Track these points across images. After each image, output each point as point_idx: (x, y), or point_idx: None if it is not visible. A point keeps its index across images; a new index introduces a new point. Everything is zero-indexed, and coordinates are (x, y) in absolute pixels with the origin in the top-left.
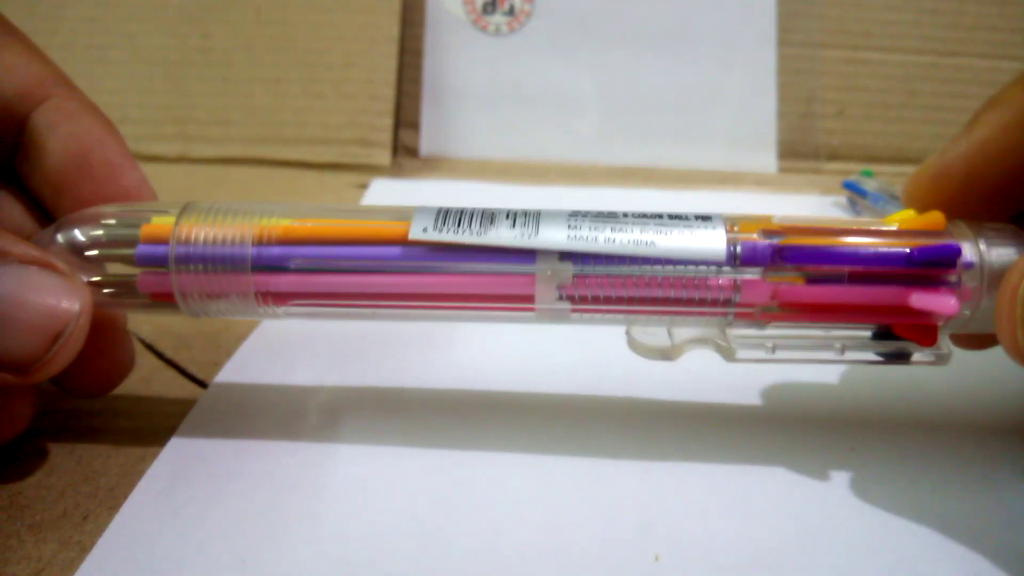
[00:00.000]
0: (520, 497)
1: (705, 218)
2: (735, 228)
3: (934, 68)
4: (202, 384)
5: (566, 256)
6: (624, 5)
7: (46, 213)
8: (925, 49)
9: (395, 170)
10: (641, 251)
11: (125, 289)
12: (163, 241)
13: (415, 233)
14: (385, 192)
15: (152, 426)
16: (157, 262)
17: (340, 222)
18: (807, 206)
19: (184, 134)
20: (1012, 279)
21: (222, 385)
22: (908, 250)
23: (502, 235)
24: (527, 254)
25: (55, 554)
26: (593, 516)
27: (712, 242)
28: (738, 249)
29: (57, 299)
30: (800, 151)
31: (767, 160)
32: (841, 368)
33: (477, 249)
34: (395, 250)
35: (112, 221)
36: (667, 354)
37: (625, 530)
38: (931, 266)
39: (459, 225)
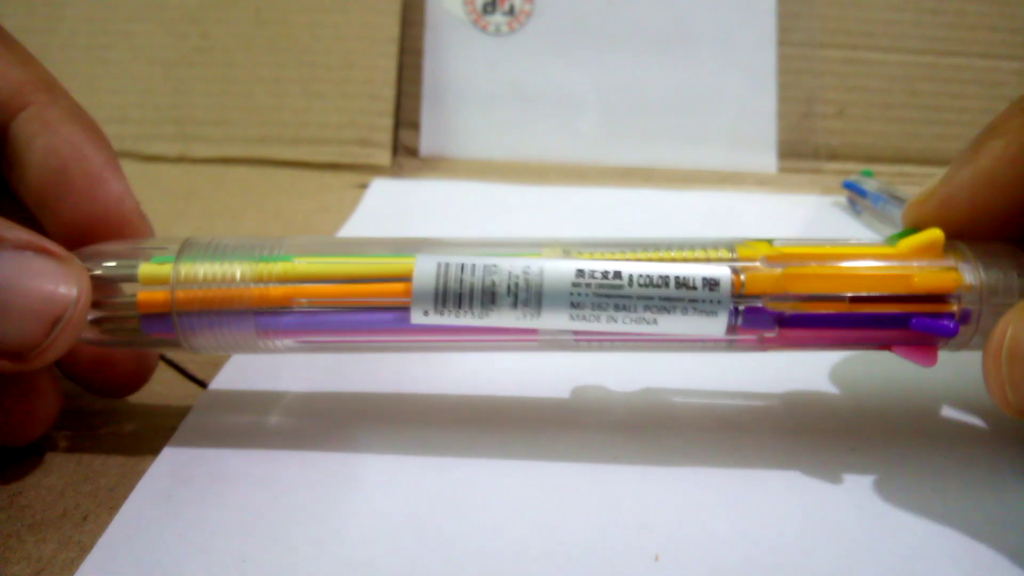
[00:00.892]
0: (520, 497)
1: (713, 284)
2: (742, 280)
3: (934, 68)
4: (202, 384)
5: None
6: (624, 5)
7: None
8: (925, 49)
9: (395, 170)
10: (643, 329)
11: (128, 334)
12: (164, 308)
13: (416, 317)
14: (385, 192)
15: (152, 426)
16: (162, 329)
17: (340, 287)
18: (807, 206)
19: (184, 134)
20: (994, 341)
21: (222, 385)
22: (908, 319)
23: (504, 316)
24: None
25: (55, 554)
26: (593, 516)
27: (714, 325)
28: (741, 308)
29: (54, 284)
30: (800, 151)
31: (767, 160)
32: (841, 368)
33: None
34: (397, 318)
35: (99, 273)
36: None
37: (625, 530)
38: (926, 333)
39: (460, 306)
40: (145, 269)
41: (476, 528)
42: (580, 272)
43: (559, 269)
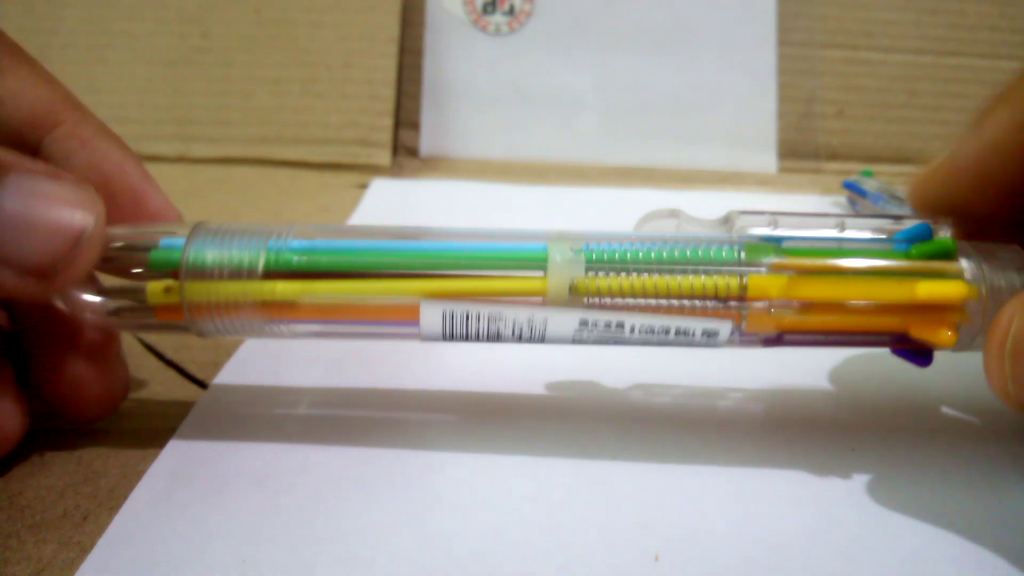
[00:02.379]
0: (520, 496)
1: (712, 334)
2: (744, 316)
3: (934, 68)
4: (202, 385)
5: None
6: (624, 5)
7: None
8: (925, 49)
9: (395, 170)
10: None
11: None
12: (177, 314)
13: (425, 340)
14: (385, 192)
15: (152, 427)
16: (175, 325)
17: (347, 308)
18: (807, 206)
19: (184, 134)
20: (997, 333)
21: (222, 386)
22: (888, 349)
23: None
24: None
25: (55, 554)
26: (593, 515)
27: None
28: (740, 329)
29: (71, 204)
30: (800, 151)
31: (767, 160)
32: (841, 368)
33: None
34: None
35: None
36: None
37: (625, 529)
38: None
39: (467, 340)
40: (153, 287)
41: (476, 527)
42: (583, 323)
43: (563, 321)
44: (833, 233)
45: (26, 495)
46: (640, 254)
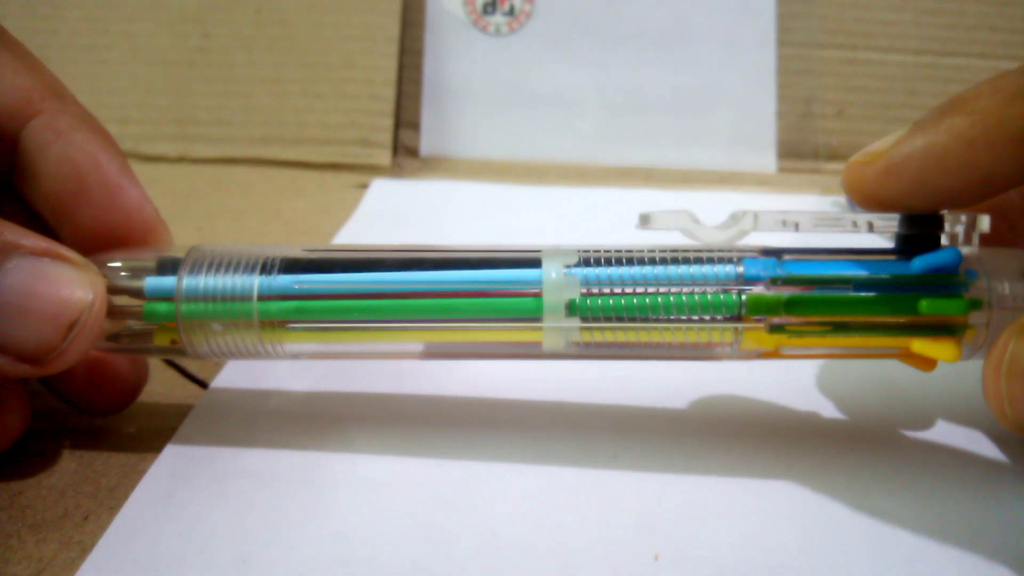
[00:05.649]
0: (520, 497)
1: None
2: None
3: (934, 68)
4: (203, 385)
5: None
6: (624, 5)
7: (48, 232)
8: (925, 49)
9: (395, 170)
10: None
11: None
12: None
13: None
14: (385, 192)
15: (153, 426)
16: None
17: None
18: (806, 206)
19: (185, 134)
20: (995, 355)
21: (223, 386)
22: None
23: None
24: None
25: (56, 554)
26: (593, 516)
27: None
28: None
29: (70, 289)
30: (799, 151)
31: (767, 160)
32: (840, 370)
33: None
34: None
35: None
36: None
37: (625, 530)
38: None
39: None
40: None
41: (476, 528)
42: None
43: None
44: (843, 236)
45: (27, 495)
46: (635, 301)
